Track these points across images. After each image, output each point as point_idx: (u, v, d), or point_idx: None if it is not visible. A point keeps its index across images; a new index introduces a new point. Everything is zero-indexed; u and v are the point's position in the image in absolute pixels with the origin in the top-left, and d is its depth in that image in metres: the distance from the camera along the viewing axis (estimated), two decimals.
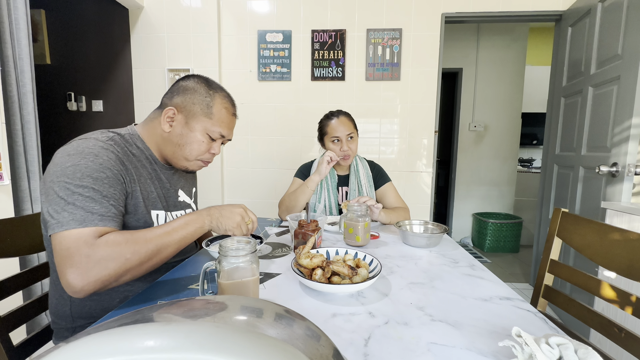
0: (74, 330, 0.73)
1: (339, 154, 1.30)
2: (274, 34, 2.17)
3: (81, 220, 0.59)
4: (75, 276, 0.57)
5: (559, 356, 0.40)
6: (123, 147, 0.73)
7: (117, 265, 0.59)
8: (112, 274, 0.59)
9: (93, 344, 0.20)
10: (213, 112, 0.79)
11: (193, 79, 0.80)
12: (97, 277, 0.58)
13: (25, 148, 1.33)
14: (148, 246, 0.63)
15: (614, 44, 1.50)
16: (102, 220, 0.62)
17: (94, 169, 0.63)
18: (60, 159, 0.63)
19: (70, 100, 2.26)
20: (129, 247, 0.60)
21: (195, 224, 0.70)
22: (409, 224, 1.11)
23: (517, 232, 3.10)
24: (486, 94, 3.27)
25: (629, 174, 1.38)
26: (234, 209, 0.75)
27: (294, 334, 0.24)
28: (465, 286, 0.72)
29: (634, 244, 0.71)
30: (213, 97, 0.79)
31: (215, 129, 0.80)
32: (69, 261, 0.58)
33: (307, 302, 0.63)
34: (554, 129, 2.09)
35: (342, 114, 1.33)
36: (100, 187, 0.63)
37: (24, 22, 1.29)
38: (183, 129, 0.77)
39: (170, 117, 0.77)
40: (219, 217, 0.72)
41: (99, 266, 0.58)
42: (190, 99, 0.77)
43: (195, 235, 0.70)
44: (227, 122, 0.82)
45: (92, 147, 0.65)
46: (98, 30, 2.22)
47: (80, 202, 0.60)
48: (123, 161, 0.70)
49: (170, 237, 0.66)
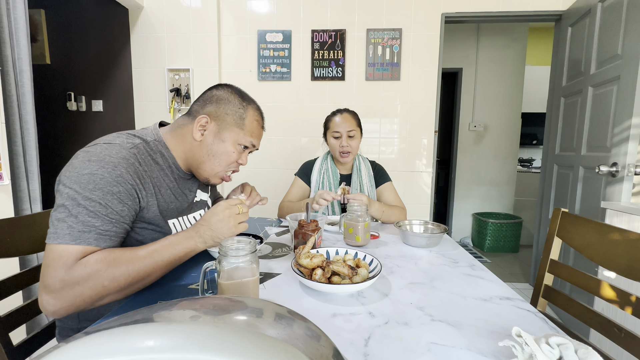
0: (79, 331, 0.73)
1: (337, 149, 1.32)
2: (274, 34, 2.17)
3: (77, 236, 0.58)
4: (47, 299, 0.56)
5: (559, 356, 0.40)
6: (147, 156, 0.71)
7: (92, 292, 0.57)
8: (87, 300, 0.57)
9: (93, 344, 0.20)
10: (245, 123, 0.78)
11: (226, 88, 0.79)
12: (71, 303, 0.56)
13: (24, 148, 1.33)
14: (129, 272, 0.60)
15: (614, 43, 1.50)
16: (98, 239, 0.60)
17: (109, 181, 0.61)
18: (81, 163, 0.61)
19: (70, 100, 2.26)
20: (108, 273, 0.58)
21: (184, 245, 0.66)
22: (409, 224, 1.11)
23: (517, 232, 3.10)
24: (486, 94, 3.27)
25: (629, 174, 1.38)
26: (219, 213, 0.69)
27: (294, 334, 0.24)
28: (465, 286, 0.72)
29: (633, 244, 0.71)
30: (246, 109, 0.78)
31: (247, 139, 0.79)
32: (45, 282, 0.56)
33: (307, 302, 0.63)
34: (554, 129, 2.09)
35: (347, 111, 1.36)
36: (108, 202, 0.61)
37: (23, 22, 1.29)
38: (214, 138, 0.76)
39: (202, 126, 0.75)
40: (211, 234, 0.68)
41: (73, 292, 0.56)
42: (224, 109, 0.76)
43: (184, 258, 0.67)
44: (257, 133, 0.81)
45: (113, 156, 0.63)
46: (98, 30, 2.22)
47: (84, 216, 0.59)
48: (142, 174, 0.67)
49: (153, 259, 0.63)
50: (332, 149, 1.36)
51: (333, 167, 1.39)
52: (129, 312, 0.26)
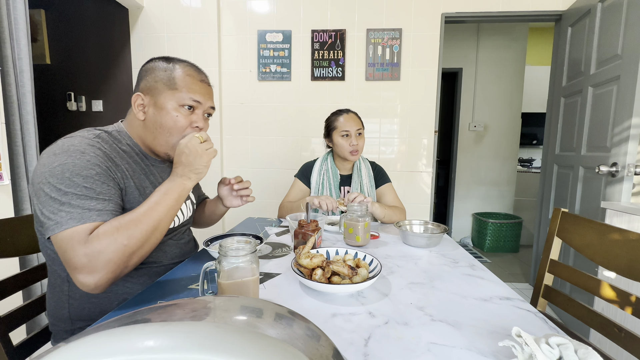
0: (72, 333, 0.72)
1: (347, 148, 1.32)
2: (274, 34, 2.17)
3: (79, 217, 0.59)
4: (83, 276, 0.57)
5: (559, 356, 0.40)
6: (111, 144, 0.71)
7: (118, 254, 0.59)
8: (119, 263, 0.59)
9: (93, 344, 0.20)
10: (176, 82, 0.73)
11: (152, 60, 0.76)
12: (105, 271, 0.58)
13: (24, 148, 1.33)
14: (140, 227, 0.63)
15: (614, 44, 1.50)
16: (100, 215, 0.61)
17: (82, 166, 0.61)
18: (47, 159, 0.61)
19: (70, 100, 2.26)
20: (122, 233, 0.60)
21: (175, 190, 0.70)
22: (409, 224, 1.11)
23: (517, 232, 3.10)
24: (486, 94, 3.27)
25: (629, 174, 1.38)
26: (183, 150, 0.71)
27: (294, 334, 0.24)
28: (465, 286, 0.72)
29: (634, 244, 0.71)
30: (173, 68, 0.74)
31: (184, 96, 0.73)
32: (72, 264, 0.57)
33: (307, 302, 0.63)
34: (554, 129, 2.09)
35: (351, 111, 1.37)
36: (92, 185, 0.62)
37: (23, 22, 1.29)
38: (154, 110, 0.74)
39: (140, 104, 0.74)
40: (190, 169, 0.71)
41: (101, 261, 0.58)
42: (152, 78, 0.74)
43: (181, 200, 0.70)
44: (196, 88, 0.75)
45: (77, 145, 0.63)
46: (98, 30, 2.22)
47: (75, 200, 0.59)
48: (112, 157, 0.68)
49: (157, 211, 0.66)
50: (340, 148, 1.34)
51: (333, 168, 1.40)
52: (129, 312, 0.26)
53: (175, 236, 0.86)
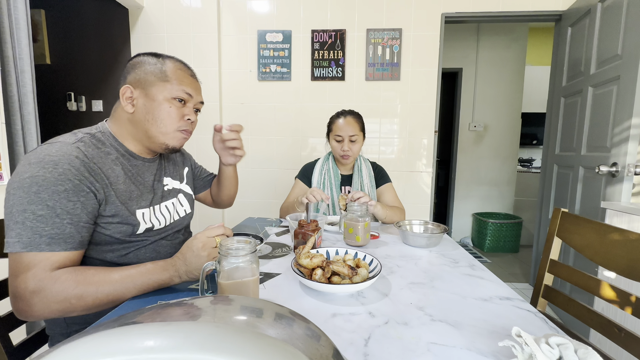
0: (68, 336, 0.72)
1: (339, 152, 1.34)
2: (274, 34, 2.17)
3: (27, 243, 0.57)
4: (19, 307, 0.57)
5: (559, 356, 0.40)
6: (94, 148, 0.69)
7: (60, 307, 0.58)
8: (56, 314, 0.58)
9: (93, 344, 0.20)
10: (168, 75, 0.74)
11: (140, 55, 0.76)
12: (40, 315, 0.57)
13: (25, 148, 1.33)
14: (97, 294, 0.59)
15: (614, 44, 1.50)
16: (51, 244, 0.58)
17: (52, 181, 0.59)
18: (22, 168, 0.60)
19: (70, 100, 2.26)
20: (76, 291, 0.58)
21: (158, 276, 0.64)
22: (409, 224, 1.11)
23: (517, 232, 3.10)
24: (486, 94, 3.27)
25: (629, 174, 1.38)
26: (194, 247, 0.64)
27: (294, 334, 0.24)
28: (465, 286, 0.72)
29: (633, 244, 0.71)
30: (164, 62, 0.75)
31: (176, 89, 0.74)
32: (16, 292, 0.57)
33: (307, 302, 0.63)
34: (554, 129, 2.09)
35: (351, 114, 1.35)
36: (57, 202, 0.59)
37: (24, 22, 1.29)
38: (146, 101, 0.73)
39: (129, 97, 0.73)
40: (185, 269, 0.64)
41: (41, 305, 0.57)
42: (142, 71, 0.74)
43: (156, 288, 0.65)
44: (187, 82, 0.77)
45: (54, 154, 0.61)
46: (98, 30, 2.22)
47: (31, 221, 0.57)
48: (92, 166, 0.65)
49: (124, 285, 0.61)
50: (333, 150, 1.38)
51: (334, 168, 1.40)
52: (129, 312, 0.26)
53: (168, 236, 0.84)
